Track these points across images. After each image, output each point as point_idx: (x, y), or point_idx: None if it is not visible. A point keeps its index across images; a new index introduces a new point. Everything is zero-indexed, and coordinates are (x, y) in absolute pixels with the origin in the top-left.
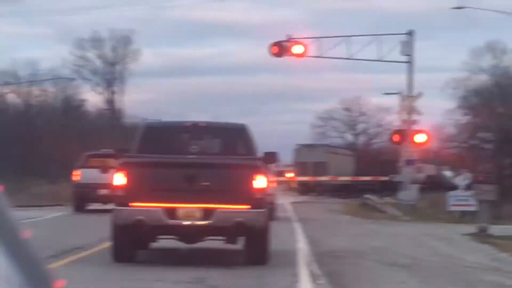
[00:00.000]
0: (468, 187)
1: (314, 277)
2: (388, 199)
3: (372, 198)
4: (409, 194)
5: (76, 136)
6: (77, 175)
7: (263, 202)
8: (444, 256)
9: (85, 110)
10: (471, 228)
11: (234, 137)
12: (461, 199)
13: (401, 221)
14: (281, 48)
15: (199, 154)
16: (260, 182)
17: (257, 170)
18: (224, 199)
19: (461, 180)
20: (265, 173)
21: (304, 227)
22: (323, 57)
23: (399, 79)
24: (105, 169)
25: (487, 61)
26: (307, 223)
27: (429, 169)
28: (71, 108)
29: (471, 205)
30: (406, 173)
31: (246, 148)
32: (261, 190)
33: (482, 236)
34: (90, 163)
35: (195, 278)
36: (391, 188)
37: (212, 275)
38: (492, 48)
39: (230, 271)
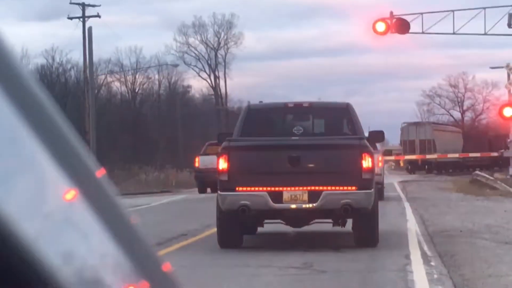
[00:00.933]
0: None
1: (426, 259)
2: (498, 175)
3: (482, 174)
4: None
5: (181, 122)
6: (197, 161)
7: (371, 183)
8: None
9: (190, 96)
10: None
11: (338, 117)
12: None
13: None
14: (384, 25)
15: (303, 136)
16: (367, 162)
17: (363, 149)
18: (331, 181)
19: None
20: (372, 152)
21: (413, 206)
22: (427, 33)
23: (505, 54)
24: None
25: None
26: (416, 202)
27: None
28: (176, 95)
29: None
30: None
31: (351, 127)
32: (369, 170)
33: None
34: (210, 150)
35: (303, 263)
36: (501, 164)
37: (320, 259)
38: None
39: (339, 255)
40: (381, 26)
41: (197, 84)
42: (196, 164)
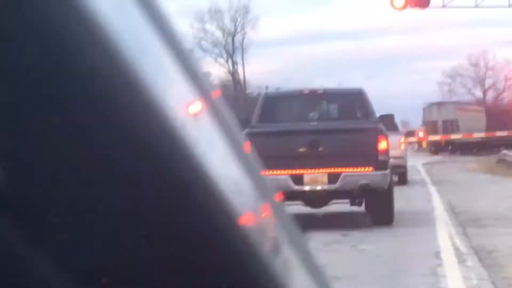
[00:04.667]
0: None
1: (460, 257)
2: None
3: (509, 154)
4: None
5: None
6: None
7: (387, 164)
8: None
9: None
10: None
11: (352, 102)
12: None
13: None
14: (403, 0)
15: (319, 121)
16: (382, 144)
17: (378, 132)
18: (348, 163)
19: None
20: (386, 135)
21: (440, 190)
22: (448, 7)
23: None
24: None
25: None
26: (442, 185)
27: None
28: None
29: None
30: None
31: (365, 111)
32: (384, 151)
33: None
34: None
35: None
36: None
37: (336, 261)
38: None
39: (356, 256)
40: (399, 1)
41: (215, 70)
42: None
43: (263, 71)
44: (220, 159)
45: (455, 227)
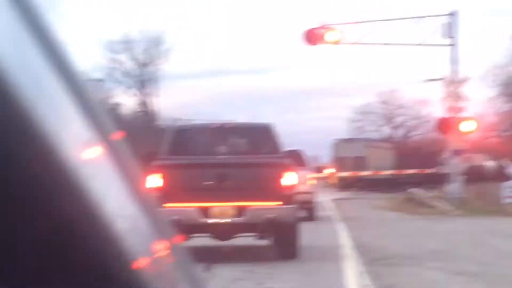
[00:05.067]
0: None
1: None
2: (434, 193)
3: (417, 192)
4: (456, 186)
5: None
6: None
7: (293, 198)
8: None
9: (118, 113)
10: None
11: (260, 137)
12: None
13: (452, 216)
14: (315, 36)
15: (228, 154)
16: (288, 179)
17: (285, 167)
18: (255, 197)
19: None
20: (292, 170)
21: (348, 228)
22: (360, 44)
23: (439, 68)
24: None
25: None
26: (350, 222)
27: (478, 160)
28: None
29: None
30: (453, 164)
31: (272, 146)
32: (290, 187)
33: None
34: None
35: None
36: (435, 181)
37: None
38: None
39: None
40: (311, 36)
41: (127, 101)
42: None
43: (175, 103)
44: (116, 201)
45: (363, 265)
